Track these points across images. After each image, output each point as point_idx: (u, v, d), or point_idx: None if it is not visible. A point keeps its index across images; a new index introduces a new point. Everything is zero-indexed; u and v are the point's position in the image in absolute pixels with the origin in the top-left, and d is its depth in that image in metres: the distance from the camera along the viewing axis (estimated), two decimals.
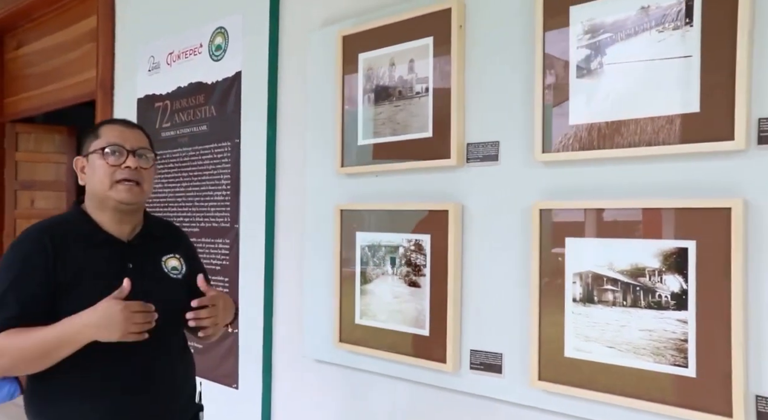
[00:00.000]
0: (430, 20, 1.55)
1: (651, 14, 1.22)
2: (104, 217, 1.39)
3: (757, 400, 1.10)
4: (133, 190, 1.36)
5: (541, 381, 1.35)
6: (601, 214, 1.28)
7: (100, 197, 1.37)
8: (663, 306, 1.19)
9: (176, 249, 1.51)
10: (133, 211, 1.41)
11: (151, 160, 1.43)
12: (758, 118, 1.11)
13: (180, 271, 1.48)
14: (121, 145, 1.36)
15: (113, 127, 1.41)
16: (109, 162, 1.35)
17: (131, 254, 1.40)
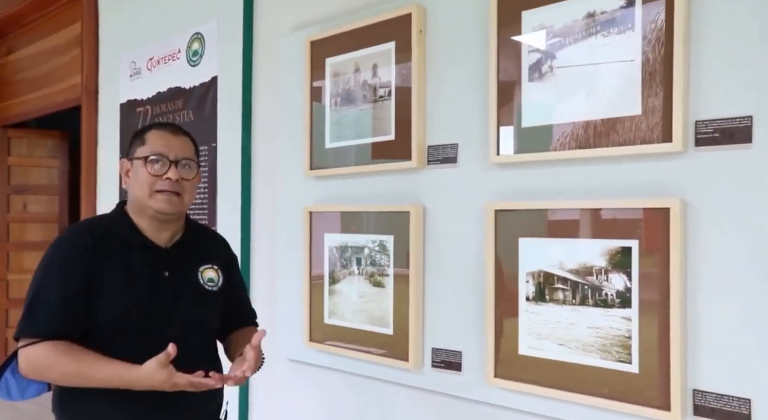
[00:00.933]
0: (392, 25, 1.58)
1: (597, 20, 1.25)
2: (144, 223, 1.37)
3: (695, 394, 1.13)
4: (172, 200, 1.33)
5: (497, 378, 1.38)
6: (551, 214, 1.31)
7: (140, 204, 1.35)
8: (609, 304, 1.22)
9: (215, 259, 1.47)
10: (173, 219, 1.39)
11: (195, 171, 1.39)
12: (695, 121, 1.14)
13: (216, 283, 1.44)
14: (165, 155, 1.33)
15: (160, 134, 1.37)
16: (151, 171, 1.32)
17: (168, 262, 1.37)
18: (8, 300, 3.99)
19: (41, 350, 1.25)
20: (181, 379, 1.20)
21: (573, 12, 1.28)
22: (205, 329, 1.41)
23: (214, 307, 1.42)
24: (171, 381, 1.20)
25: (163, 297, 1.34)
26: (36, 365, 1.26)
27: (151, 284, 1.33)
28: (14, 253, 4.03)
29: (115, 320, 1.29)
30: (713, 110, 1.12)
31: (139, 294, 1.31)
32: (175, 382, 1.20)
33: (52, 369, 1.25)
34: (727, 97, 1.10)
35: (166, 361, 1.19)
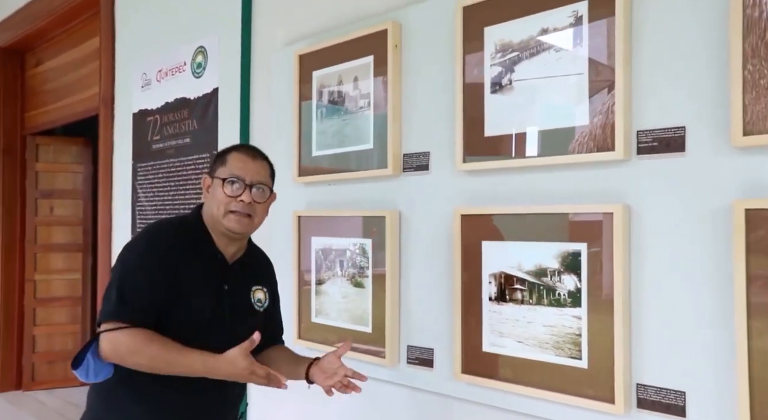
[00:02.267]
0: (371, 40, 1.68)
1: (550, 35, 1.32)
2: (215, 235, 1.45)
3: (638, 388, 1.20)
4: (242, 221, 1.40)
5: (463, 374, 1.46)
6: (509, 219, 1.39)
7: (214, 220, 1.42)
8: (562, 303, 1.30)
9: (265, 281, 1.57)
10: (241, 237, 1.47)
11: (267, 194, 1.46)
12: (637, 131, 1.20)
13: (263, 304, 1.53)
14: (242, 178, 1.40)
15: (239, 157, 1.44)
16: (227, 192, 1.40)
17: (229, 276, 1.45)
18: (35, 299, 4.20)
19: (129, 335, 1.31)
20: (260, 369, 1.29)
21: (529, 28, 1.35)
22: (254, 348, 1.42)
23: (255, 326, 1.43)
24: (251, 368, 1.28)
25: (221, 308, 1.42)
26: (124, 349, 1.32)
27: (213, 294, 1.41)
28: (41, 255, 4.24)
29: (181, 321, 1.36)
30: (652, 121, 1.18)
31: (205, 303, 1.39)
32: (254, 371, 1.28)
33: (141, 353, 1.31)
34: (663, 108, 1.17)
35: (248, 348, 1.29)
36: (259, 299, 1.51)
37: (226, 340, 1.34)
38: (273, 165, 1.53)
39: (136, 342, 1.31)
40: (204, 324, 1.39)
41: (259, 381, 1.31)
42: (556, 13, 1.31)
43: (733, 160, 1.08)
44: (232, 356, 1.29)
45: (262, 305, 1.52)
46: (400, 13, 1.64)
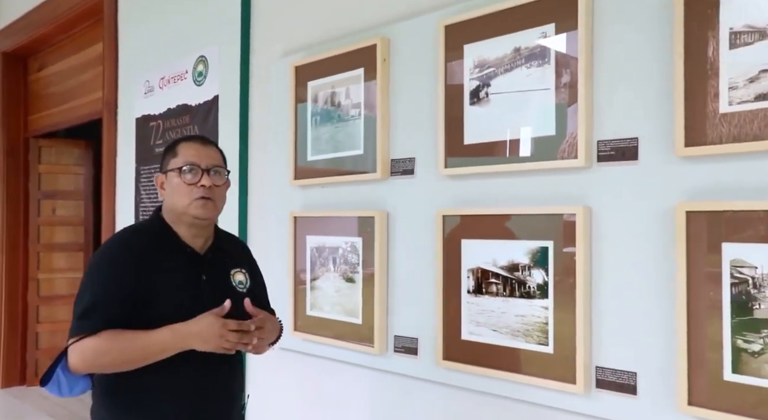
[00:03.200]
0: (361, 54, 1.82)
1: (522, 53, 1.46)
2: (181, 230, 1.46)
3: (597, 370, 1.34)
4: (207, 206, 1.42)
5: (444, 360, 1.60)
6: (486, 219, 1.53)
7: (178, 213, 1.43)
8: (531, 295, 1.44)
9: (242, 263, 1.59)
10: (207, 225, 1.48)
11: (225, 177, 1.48)
12: (597, 141, 1.35)
13: (245, 285, 1.55)
14: (197, 164, 1.42)
15: (190, 146, 1.46)
16: (185, 180, 1.41)
17: (205, 266, 1.47)
18: (39, 297, 4.32)
19: (93, 339, 1.31)
20: (232, 322, 1.32)
21: (503, 46, 1.50)
22: None
23: (243, 306, 1.46)
24: (221, 321, 1.30)
25: (203, 299, 1.42)
26: (90, 354, 1.31)
27: (193, 287, 1.43)
28: (44, 254, 4.36)
29: (158, 322, 1.35)
30: (610, 132, 1.33)
31: (184, 297, 1.40)
32: (225, 323, 1.31)
33: (108, 351, 1.31)
34: (620, 121, 1.31)
35: (219, 313, 1.33)
36: (240, 281, 1.54)
37: None
38: (223, 151, 1.54)
39: (101, 343, 1.31)
40: (186, 317, 1.36)
41: (231, 339, 1.31)
42: (527, 33, 1.45)
43: (678, 168, 1.22)
44: (201, 316, 1.31)
45: (244, 286, 1.54)
46: (389, 29, 1.78)
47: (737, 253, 1.13)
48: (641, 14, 1.28)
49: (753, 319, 1.11)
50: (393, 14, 1.80)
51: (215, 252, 1.51)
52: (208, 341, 1.33)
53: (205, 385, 1.44)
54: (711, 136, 1.16)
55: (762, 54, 1.10)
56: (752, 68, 1.11)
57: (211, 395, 1.46)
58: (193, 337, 1.33)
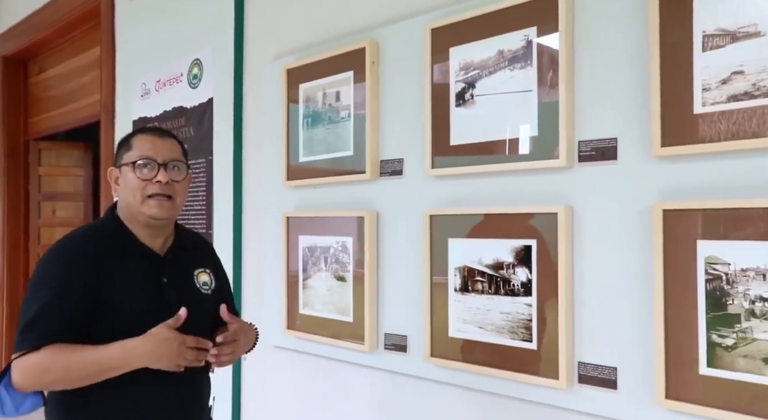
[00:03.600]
0: (350, 57, 1.85)
1: (505, 56, 1.49)
2: (137, 230, 1.36)
3: (579, 365, 1.37)
4: (164, 205, 1.32)
5: (433, 357, 1.63)
6: (471, 218, 1.56)
7: (132, 211, 1.34)
8: (516, 293, 1.47)
9: (206, 262, 1.50)
10: (165, 225, 1.39)
11: (185, 172, 1.37)
12: (578, 141, 1.38)
13: (210, 286, 1.46)
14: (153, 158, 1.31)
15: (145, 138, 1.36)
16: (140, 176, 1.30)
17: (165, 268, 1.37)
18: None
19: (36, 356, 1.21)
20: (190, 338, 1.22)
21: (488, 49, 1.53)
22: (202, 331, 1.37)
23: (209, 309, 1.43)
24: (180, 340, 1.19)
25: (164, 303, 1.33)
26: (32, 371, 1.22)
27: (152, 291, 1.33)
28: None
29: (119, 328, 1.26)
30: (590, 132, 1.36)
31: (142, 301, 1.31)
32: (184, 340, 1.21)
33: (52, 368, 1.21)
34: (599, 121, 1.34)
35: (173, 324, 1.22)
36: (205, 282, 1.45)
37: (185, 329, 1.27)
38: (183, 143, 1.44)
39: (44, 359, 1.21)
40: (150, 323, 1.26)
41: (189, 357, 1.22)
42: (511, 36, 1.48)
43: (654, 168, 1.25)
44: (154, 330, 1.19)
45: (209, 288, 1.45)
46: (378, 32, 1.81)
47: (711, 250, 1.16)
48: (620, 18, 1.31)
49: (726, 314, 1.14)
50: (382, 17, 1.83)
51: (176, 252, 1.41)
52: (162, 360, 1.22)
53: (169, 394, 1.33)
54: (685, 137, 1.19)
55: (733, 56, 1.13)
56: (724, 70, 1.14)
57: (177, 404, 1.36)
58: (146, 356, 1.21)
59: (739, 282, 1.13)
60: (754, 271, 1.11)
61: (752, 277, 1.11)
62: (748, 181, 1.14)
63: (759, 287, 1.10)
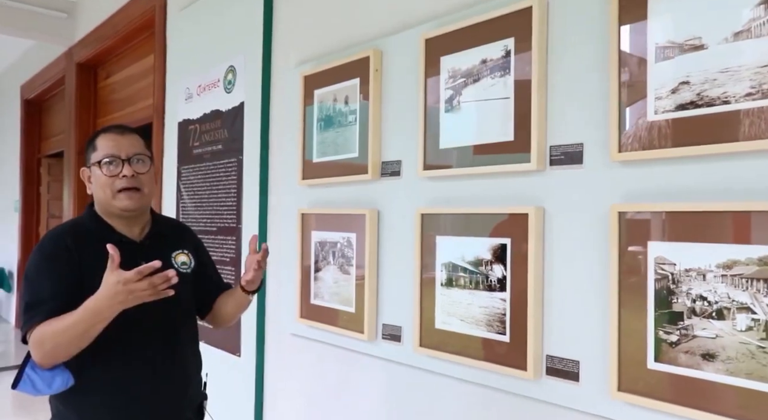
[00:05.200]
0: (357, 65, 1.98)
1: (488, 65, 1.58)
2: (114, 221, 1.47)
3: (547, 358, 1.44)
4: (133, 196, 1.43)
5: (421, 347, 1.74)
6: (456, 217, 1.65)
7: (106, 205, 1.46)
8: (492, 288, 1.56)
9: (184, 244, 1.61)
10: (139, 214, 1.49)
11: (149, 164, 1.47)
12: (550, 146, 1.45)
13: (189, 265, 1.58)
14: (117, 155, 1.42)
15: (107, 137, 1.45)
16: (107, 173, 1.41)
17: (143, 253, 1.45)
18: None
19: (37, 330, 1.33)
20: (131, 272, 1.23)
21: (473, 58, 1.62)
22: (184, 308, 1.54)
23: (189, 286, 1.55)
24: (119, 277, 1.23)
25: None
26: (34, 346, 1.32)
27: None
28: None
29: None
30: (560, 137, 1.43)
31: None
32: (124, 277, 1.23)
33: (49, 337, 1.30)
34: (568, 127, 1.41)
35: (113, 266, 1.25)
36: (183, 262, 1.56)
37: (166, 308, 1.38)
38: (145, 137, 1.53)
39: (36, 334, 1.32)
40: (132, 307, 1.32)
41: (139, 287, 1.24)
42: (492, 46, 1.56)
43: (613, 172, 1.31)
44: (105, 277, 1.25)
45: (188, 266, 1.56)
46: (382, 41, 1.93)
47: (660, 251, 1.22)
48: (587, 31, 1.38)
49: (672, 312, 1.19)
50: (387, 28, 1.95)
51: (153, 238, 1.53)
52: (121, 298, 1.26)
53: (157, 371, 1.45)
54: (639, 143, 1.25)
55: (681, 67, 1.18)
56: (673, 80, 1.20)
57: (165, 379, 1.47)
58: (107, 299, 1.27)
59: (683, 282, 1.18)
60: (696, 272, 1.16)
61: (694, 277, 1.16)
62: (692, 186, 1.19)
63: (700, 287, 1.15)
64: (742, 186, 1.13)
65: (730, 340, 1.12)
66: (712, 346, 1.14)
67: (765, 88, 1.09)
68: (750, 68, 1.11)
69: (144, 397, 1.46)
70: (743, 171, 1.13)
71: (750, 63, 1.11)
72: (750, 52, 1.11)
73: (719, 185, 1.16)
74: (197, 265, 1.65)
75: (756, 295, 1.09)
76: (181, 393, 1.55)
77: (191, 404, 1.60)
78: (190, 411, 1.60)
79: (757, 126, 1.09)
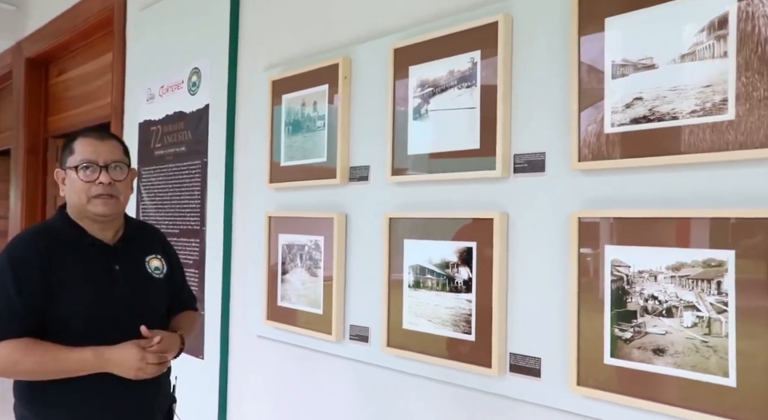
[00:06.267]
0: (325, 72, 2.02)
1: (454, 75, 1.65)
2: (87, 225, 1.48)
3: (510, 356, 1.52)
4: (108, 203, 1.43)
5: (389, 347, 1.79)
6: (424, 221, 1.72)
7: (79, 209, 1.45)
8: (459, 290, 1.63)
9: (156, 249, 1.62)
10: (112, 219, 1.50)
11: (126, 171, 1.48)
12: (514, 154, 1.53)
13: (162, 270, 1.60)
14: (94, 162, 1.41)
15: (87, 142, 1.44)
16: (83, 178, 1.41)
17: (117, 257, 1.48)
18: None
19: (4, 349, 1.32)
20: (151, 355, 1.39)
21: (440, 69, 1.69)
22: (157, 313, 1.57)
23: (162, 292, 1.59)
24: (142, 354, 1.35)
25: (117, 289, 1.44)
26: (5, 362, 1.33)
27: (104, 279, 1.43)
28: None
29: (75, 315, 1.38)
30: (524, 146, 1.51)
31: (95, 289, 1.40)
32: (144, 356, 1.36)
33: (20, 364, 1.32)
34: (531, 137, 1.49)
35: (145, 344, 1.37)
36: (157, 267, 1.57)
37: (139, 313, 1.42)
38: (124, 142, 1.53)
39: (15, 353, 1.31)
40: (104, 309, 1.39)
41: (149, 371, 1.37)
42: (459, 58, 1.64)
43: (573, 180, 1.40)
44: (124, 344, 1.34)
45: (161, 272, 1.57)
46: (351, 49, 1.98)
47: (616, 254, 1.31)
48: (550, 46, 1.46)
49: (626, 311, 1.29)
50: (355, 36, 2.00)
51: (127, 242, 1.52)
52: (128, 371, 1.38)
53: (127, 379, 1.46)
54: (597, 153, 1.34)
55: (635, 84, 1.28)
56: (628, 96, 1.29)
57: (136, 385, 1.47)
58: (114, 364, 1.36)
59: (637, 282, 1.27)
60: (648, 273, 1.26)
61: (646, 278, 1.26)
62: (644, 194, 1.29)
63: (651, 287, 1.25)
64: (686, 194, 1.23)
65: (677, 336, 1.22)
66: (662, 342, 1.24)
67: (707, 107, 1.19)
68: (695, 88, 1.21)
69: (114, 401, 1.47)
70: (687, 180, 1.23)
71: (695, 83, 1.21)
72: (694, 73, 1.21)
73: (667, 193, 1.26)
74: (169, 271, 1.67)
75: (700, 294, 1.19)
76: (152, 397, 1.58)
77: (161, 408, 1.62)
78: (160, 414, 1.61)
79: (700, 140, 1.20)
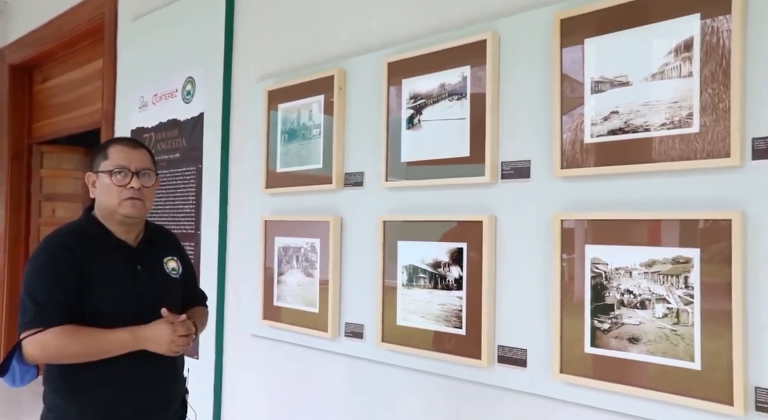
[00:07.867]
0: (321, 82, 2.14)
1: (446, 88, 1.78)
2: (113, 226, 1.59)
3: (499, 348, 1.64)
4: (137, 205, 1.56)
5: (383, 342, 1.91)
6: (417, 224, 1.84)
7: (109, 211, 1.56)
8: (450, 287, 1.75)
9: (172, 251, 1.74)
10: (137, 222, 1.63)
11: (153, 179, 1.62)
12: (501, 162, 1.66)
13: (178, 271, 1.71)
14: (127, 167, 1.54)
15: (120, 149, 1.58)
16: (116, 182, 1.53)
17: (139, 257, 1.61)
18: None
19: (55, 334, 1.43)
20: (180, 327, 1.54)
21: (432, 82, 1.81)
22: (175, 310, 1.65)
23: (178, 290, 1.72)
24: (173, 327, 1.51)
25: (141, 287, 1.57)
26: (52, 347, 1.43)
27: (130, 277, 1.56)
28: None
29: (105, 311, 1.51)
30: (510, 155, 1.64)
31: (122, 287, 1.54)
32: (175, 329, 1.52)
33: (70, 345, 1.43)
34: (518, 145, 1.63)
35: (173, 319, 1.53)
36: (173, 268, 1.71)
37: (155, 310, 1.54)
38: (152, 152, 1.68)
39: (62, 338, 1.43)
40: (130, 305, 1.53)
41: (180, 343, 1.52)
42: (450, 72, 1.76)
43: (556, 185, 1.54)
44: (156, 322, 1.51)
45: (177, 272, 1.71)
46: (345, 61, 2.10)
47: (595, 253, 1.45)
48: (534, 64, 1.60)
49: (604, 304, 1.42)
50: (350, 49, 2.12)
51: (146, 244, 1.66)
52: (161, 346, 1.53)
53: (151, 368, 1.58)
54: (578, 161, 1.48)
55: (612, 99, 1.42)
56: (605, 110, 1.43)
57: (156, 374, 1.61)
58: (147, 341, 1.51)
59: (614, 278, 1.41)
60: (624, 270, 1.39)
61: (623, 274, 1.40)
62: (620, 198, 1.43)
63: (627, 282, 1.39)
64: (658, 198, 1.37)
65: (650, 326, 1.36)
66: (637, 332, 1.37)
67: (676, 120, 1.34)
68: (665, 103, 1.35)
69: (142, 391, 1.58)
70: (658, 186, 1.37)
71: (665, 99, 1.35)
72: (664, 91, 1.36)
73: (641, 197, 1.40)
74: (184, 272, 1.78)
75: (670, 288, 1.33)
76: (172, 387, 1.70)
77: (178, 397, 1.74)
78: (178, 402, 1.74)
79: (670, 150, 1.34)
